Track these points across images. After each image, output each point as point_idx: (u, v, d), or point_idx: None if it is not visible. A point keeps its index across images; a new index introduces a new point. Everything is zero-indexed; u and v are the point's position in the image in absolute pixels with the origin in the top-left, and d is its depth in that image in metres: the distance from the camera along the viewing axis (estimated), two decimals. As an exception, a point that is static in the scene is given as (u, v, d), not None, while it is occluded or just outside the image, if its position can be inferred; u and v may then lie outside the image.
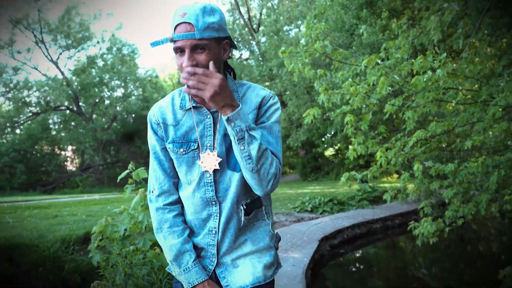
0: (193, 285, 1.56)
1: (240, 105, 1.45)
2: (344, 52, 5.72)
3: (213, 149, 1.56)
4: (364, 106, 5.20)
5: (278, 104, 1.64)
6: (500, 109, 4.55)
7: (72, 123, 33.86)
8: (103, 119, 33.11)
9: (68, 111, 33.14)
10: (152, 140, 1.66)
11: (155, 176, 1.66)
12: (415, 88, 4.69)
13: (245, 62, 29.81)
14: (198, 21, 1.43)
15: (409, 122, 5.49)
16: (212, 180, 1.57)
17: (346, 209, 11.18)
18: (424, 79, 4.51)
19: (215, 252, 1.61)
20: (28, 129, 32.24)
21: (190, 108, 1.59)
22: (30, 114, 32.52)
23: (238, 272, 1.61)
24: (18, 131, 33.15)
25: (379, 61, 5.04)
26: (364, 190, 12.46)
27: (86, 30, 31.48)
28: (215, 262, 1.62)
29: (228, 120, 1.41)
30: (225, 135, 1.57)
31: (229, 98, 1.40)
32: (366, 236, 9.46)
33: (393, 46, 5.50)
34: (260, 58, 24.72)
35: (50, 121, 34.02)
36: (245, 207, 1.60)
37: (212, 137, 1.57)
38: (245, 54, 32.60)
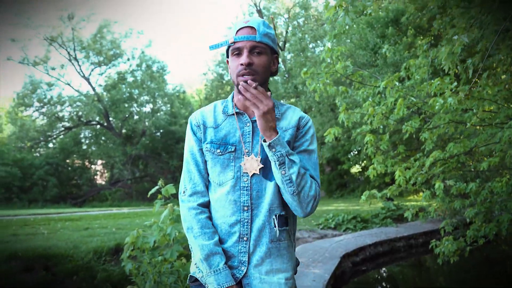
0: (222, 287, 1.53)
1: (279, 132, 1.57)
2: (364, 73, 5.91)
3: (258, 155, 1.63)
4: (381, 126, 5.36)
5: (314, 128, 1.76)
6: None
7: (103, 138, 34.79)
8: (132, 134, 33.86)
9: (98, 126, 34.08)
10: (190, 141, 1.72)
11: (189, 176, 1.70)
12: (432, 110, 4.84)
13: (271, 79, 30.20)
14: (259, 27, 1.60)
15: (428, 142, 5.64)
16: (249, 184, 1.61)
17: (370, 227, 11.24)
18: (440, 103, 4.66)
19: (246, 260, 1.60)
20: (61, 143, 33.26)
21: (233, 114, 1.68)
22: (63, 128, 33.58)
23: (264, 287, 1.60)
24: (51, 145, 34.18)
25: (397, 83, 5.21)
26: (388, 208, 12.48)
27: (117, 48, 32.48)
28: (244, 271, 1.60)
29: (269, 146, 1.50)
30: (262, 144, 1.62)
31: (274, 122, 1.51)
32: (389, 254, 9.49)
33: (413, 66, 5.66)
34: (286, 75, 25.05)
35: (82, 135, 35.03)
36: (277, 218, 1.62)
37: (251, 143, 1.65)
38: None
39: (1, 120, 33.29)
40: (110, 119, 32.95)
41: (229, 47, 1.63)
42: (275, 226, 1.61)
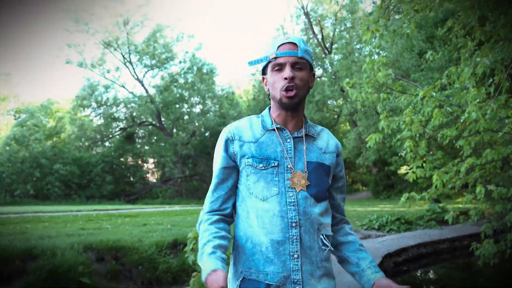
0: (212, 269, 1.37)
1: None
2: (404, 83, 6.24)
3: (305, 171, 1.59)
4: (418, 135, 5.67)
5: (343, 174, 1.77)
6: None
7: (155, 138, 36.20)
8: (183, 134, 35.01)
9: (151, 126, 35.50)
10: (220, 158, 1.66)
11: (211, 194, 1.65)
12: (469, 119, 5.13)
13: (318, 80, 30.40)
14: (300, 43, 1.60)
15: (466, 148, 5.90)
16: (295, 200, 1.56)
17: (414, 229, 11.42)
18: (475, 112, 4.95)
19: (300, 278, 1.52)
20: (116, 142, 34.94)
21: (273, 129, 1.64)
22: (118, 128, 35.23)
23: None
24: (107, 143, 35.91)
25: (434, 94, 5.53)
26: (433, 210, 12.56)
27: (169, 51, 33.74)
28: None
29: None
30: (308, 162, 1.62)
31: None
32: (432, 255, 9.67)
33: (455, 73, 5.92)
34: (333, 77, 25.28)
35: (135, 135, 36.60)
36: (325, 238, 1.60)
37: (293, 159, 1.61)
38: (318, 72, 33.20)
39: (63, 122, 35.26)
40: (162, 119, 34.24)
41: (268, 63, 1.62)
42: (323, 245, 1.59)
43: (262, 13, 78.75)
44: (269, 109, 1.71)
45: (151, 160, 39.09)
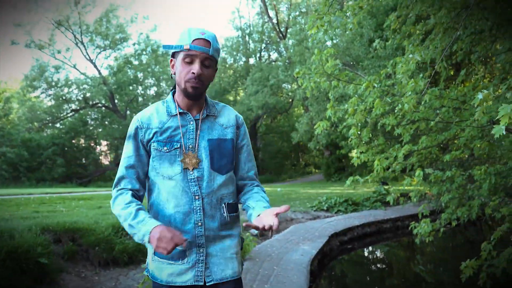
0: (150, 231, 1.59)
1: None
2: (350, 73, 6.64)
3: (195, 151, 1.78)
4: (361, 123, 6.10)
5: (244, 122, 1.97)
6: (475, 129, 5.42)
7: (108, 120, 35.63)
8: (137, 116, 34.63)
9: (104, 108, 34.89)
10: (129, 146, 1.83)
11: (120, 175, 1.83)
12: (402, 110, 5.58)
13: (273, 64, 30.76)
14: (214, 42, 1.73)
15: (405, 135, 6.39)
16: (196, 177, 1.76)
17: (360, 210, 12.07)
18: (411, 102, 5.40)
19: (204, 242, 1.76)
20: (68, 124, 34.16)
21: (176, 114, 1.81)
22: (70, 110, 34.43)
23: (221, 264, 1.79)
24: (58, 125, 35.07)
25: (375, 85, 5.95)
26: (379, 192, 13.26)
27: (123, 32, 33.15)
28: (204, 252, 1.77)
29: None
30: (210, 140, 1.81)
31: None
32: (376, 234, 10.31)
33: (399, 63, 6.35)
34: (287, 61, 25.66)
35: (88, 117, 35.90)
36: (227, 206, 1.82)
37: (194, 140, 1.79)
38: (273, 55, 33.59)
39: (10, 103, 34.07)
40: (116, 101, 33.73)
41: (180, 51, 1.73)
42: (224, 213, 1.81)
43: (217, -5, 77.92)
44: (173, 94, 1.88)
45: (104, 143, 38.52)
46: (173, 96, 1.86)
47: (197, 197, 1.75)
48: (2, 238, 4.78)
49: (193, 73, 1.69)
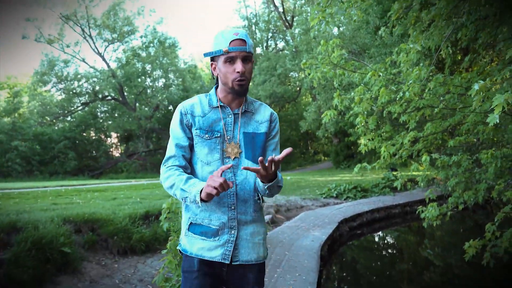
0: (201, 189, 1.73)
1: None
2: (356, 63, 6.77)
3: (237, 141, 1.94)
4: (369, 109, 6.24)
5: (277, 119, 2.12)
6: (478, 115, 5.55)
7: (118, 112, 35.95)
8: (146, 108, 34.94)
9: (113, 101, 35.21)
10: (176, 128, 1.96)
11: (171, 145, 1.97)
12: (404, 98, 5.72)
13: (280, 53, 30.80)
14: (248, 39, 1.87)
15: (411, 122, 6.53)
16: (232, 165, 1.85)
17: (369, 196, 12.24)
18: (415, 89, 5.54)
19: (236, 225, 1.90)
20: (79, 117, 34.55)
21: (217, 106, 1.96)
22: (80, 103, 34.79)
23: (248, 248, 1.92)
24: (69, 118, 35.47)
25: (380, 74, 6.08)
26: (388, 178, 13.40)
27: (130, 25, 33.33)
28: (235, 234, 1.90)
29: (275, 182, 1.84)
30: (245, 133, 1.96)
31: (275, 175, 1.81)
32: (385, 220, 10.49)
33: (404, 50, 6.47)
34: (294, 50, 25.71)
35: (98, 110, 36.26)
36: (260, 195, 1.97)
37: (232, 132, 1.94)
38: (280, 44, 33.58)
39: (21, 97, 34.48)
40: (125, 94, 34.02)
41: (221, 55, 1.86)
42: (259, 199, 1.97)
43: (223, -15, 77.66)
44: (215, 88, 2.02)
45: (114, 135, 38.90)
46: (216, 91, 2.01)
47: (231, 182, 1.79)
48: (27, 229, 5.03)
49: (238, 72, 1.83)
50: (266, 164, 1.69)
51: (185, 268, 1.94)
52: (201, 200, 1.73)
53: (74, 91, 33.49)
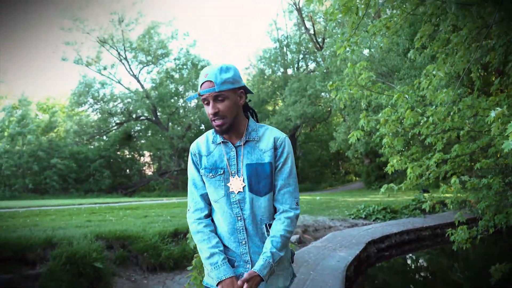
0: (221, 279, 1.84)
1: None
2: (382, 85, 6.86)
3: (241, 175, 1.94)
4: (394, 131, 6.30)
5: (289, 145, 2.01)
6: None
7: (151, 131, 36.82)
8: (178, 128, 35.63)
9: (147, 121, 36.09)
10: (191, 169, 2.04)
11: (191, 197, 2.04)
12: (428, 122, 5.76)
13: (311, 74, 30.99)
14: (217, 78, 1.85)
15: (438, 144, 6.54)
16: (237, 200, 1.92)
17: (398, 217, 12.11)
18: (442, 112, 5.58)
19: (249, 259, 1.93)
20: (113, 137, 35.54)
21: (220, 142, 1.99)
22: (114, 123, 35.81)
23: (268, 280, 1.91)
24: (104, 137, 36.52)
25: (406, 96, 6.15)
26: (418, 200, 13.21)
27: (164, 48, 34.33)
28: (249, 268, 1.92)
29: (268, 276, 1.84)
30: (248, 165, 1.94)
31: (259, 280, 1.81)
32: (414, 242, 10.35)
33: (431, 71, 6.51)
34: (324, 71, 25.89)
35: (132, 130, 37.23)
36: (267, 226, 1.96)
37: (236, 166, 1.95)
38: (311, 66, 33.80)
39: (58, 116, 35.75)
40: (158, 114, 34.84)
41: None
42: (265, 233, 1.96)
43: (255, 9, 79.16)
44: None
45: (147, 154, 39.72)
46: None
47: (239, 218, 1.93)
48: (62, 245, 5.29)
49: (209, 113, 1.89)
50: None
51: None
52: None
53: (109, 111, 34.52)
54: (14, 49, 59.60)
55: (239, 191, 1.93)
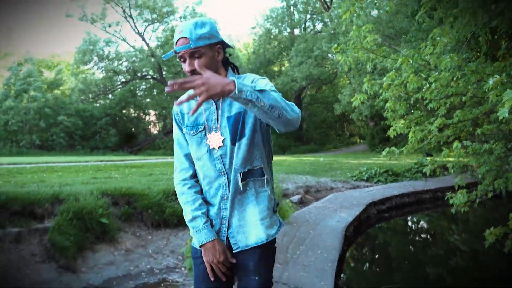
0: (202, 243, 1.84)
1: (234, 77, 1.82)
2: (387, 49, 6.82)
3: (217, 130, 1.86)
4: (397, 96, 6.32)
5: (266, 79, 1.86)
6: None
7: (156, 91, 36.79)
8: (184, 87, 35.56)
9: (152, 80, 36.00)
10: (175, 129, 2.00)
11: (176, 157, 2.00)
12: (430, 88, 5.76)
13: (318, 35, 30.59)
14: (192, 34, 1.75)
15: (441, 109, 6.57)
16: (220, 155, 1.86)
17: (400, 180, 12.25)
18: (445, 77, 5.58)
19: (227, 215, 1.88)
20: (119, 95, 35.60)
21: None
22: (120, 82, 35.76)
23: (244, 232, 1.88)
24: (110, 96, 36.58)
25: (411, 60, 6.13)
26: (421, 163, 13.31)
27: (170, 6, 33.82)
28: (227, 224, 1.88)
29: (237, 94, 1.49)
30: (228, 117, 1.85)
31: (220, 82, 1.47)
32: (415, 204, 10.52)
33: (437, 35, 6.46)
34: (331, 32, 25.52)
35: (137, 89, 37.22)
36: (241, 175, 1.86)
37: (216, 120, 1.87)
38: (318, 26, 33.29)
39: (63, 74, 35.72)
40: (163, 73, 34.69)
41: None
42: (241, 181, 1.86)
43: (263, -37, 76.96)
44: None
45: (152, 112, 39.84)
46: None
47: (222, 173, 1.87)
48: (69, 201, 5.45)
49: (187, 71, 1.80)
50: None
51: (192, 255, 2.02)
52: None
53: (115, 70, 34.40)
54: (18, 6, 58.88)
55: (220, 146, 1.86)
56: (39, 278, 4.45)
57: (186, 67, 1.79)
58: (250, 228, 1.87)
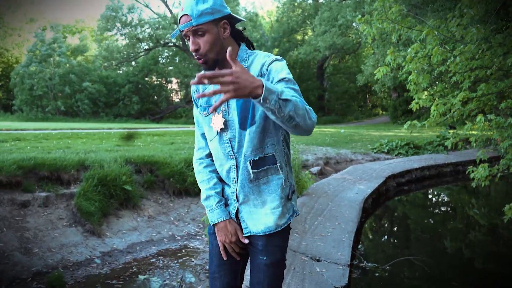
0: (214, 223, 1.85)
1: (263, 79, 1.49)
2: (412, 20, 6.70)
3: (220, 112, 1.80)
4: (421, 68, 6.24)
5: (279, 62, 1.73)
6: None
7: (178, 58, 36.77)
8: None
9: (175, 47, 35.94)
10: (194, 107, 1.96)
11: (196, 136, 2.00)
12: (462, 57, 5.68)
13: (343, 3, 29.95)
14: (193, 11, 1.64)
15: (465, 82, 6.47)
16: (228, 138, 1.80)
17: (421, 153, 12.17)
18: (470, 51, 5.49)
19: (235, 198, 1.85)
20: (142, 63, 35.72)
21: None
22: (142, 49, 35.83)
23: (254, 219, 1.83)
24: (133, 63, 36.75)
25: (436, 32, 6.02)
26: (443, 136, 13.18)
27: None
28: (236, 208, 1.85)
29: (264, 100, 1.38)
30: (236, 100, 1.76)
31: (250, 84, 1.35)
32: (435, 178, 10.47)
33: (465, 7, 6.32)
34: (357, 0, 24.97)
35: (160, 56, 37.23)
36: (251, 163, 1.78)
37: (226, 103, 1.78)
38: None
39: (87, 40, 35.94)
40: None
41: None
42: (251, 170, 1.78)
43: None
44: None
45: (174, 80, 39.96)
46: None
47: (231, 156, 1.81)
48: (94, 167, 5.62)
49: (192, 50, 1.72)
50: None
51: (208, 230, 2.01)
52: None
53: (137, 37, 34.43)
54: (42, -30, 58.90)
55: (223, 129, 1.80)
56: (66, 241, 4.66)
57: (190, 46, 1.70)
58: (260, 216, 1.83)
